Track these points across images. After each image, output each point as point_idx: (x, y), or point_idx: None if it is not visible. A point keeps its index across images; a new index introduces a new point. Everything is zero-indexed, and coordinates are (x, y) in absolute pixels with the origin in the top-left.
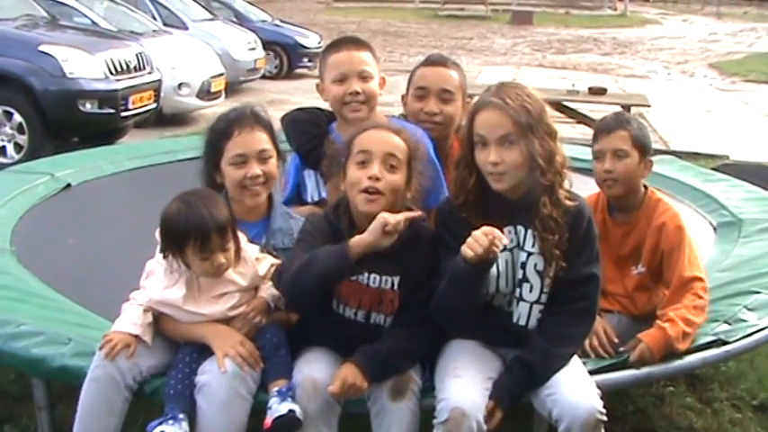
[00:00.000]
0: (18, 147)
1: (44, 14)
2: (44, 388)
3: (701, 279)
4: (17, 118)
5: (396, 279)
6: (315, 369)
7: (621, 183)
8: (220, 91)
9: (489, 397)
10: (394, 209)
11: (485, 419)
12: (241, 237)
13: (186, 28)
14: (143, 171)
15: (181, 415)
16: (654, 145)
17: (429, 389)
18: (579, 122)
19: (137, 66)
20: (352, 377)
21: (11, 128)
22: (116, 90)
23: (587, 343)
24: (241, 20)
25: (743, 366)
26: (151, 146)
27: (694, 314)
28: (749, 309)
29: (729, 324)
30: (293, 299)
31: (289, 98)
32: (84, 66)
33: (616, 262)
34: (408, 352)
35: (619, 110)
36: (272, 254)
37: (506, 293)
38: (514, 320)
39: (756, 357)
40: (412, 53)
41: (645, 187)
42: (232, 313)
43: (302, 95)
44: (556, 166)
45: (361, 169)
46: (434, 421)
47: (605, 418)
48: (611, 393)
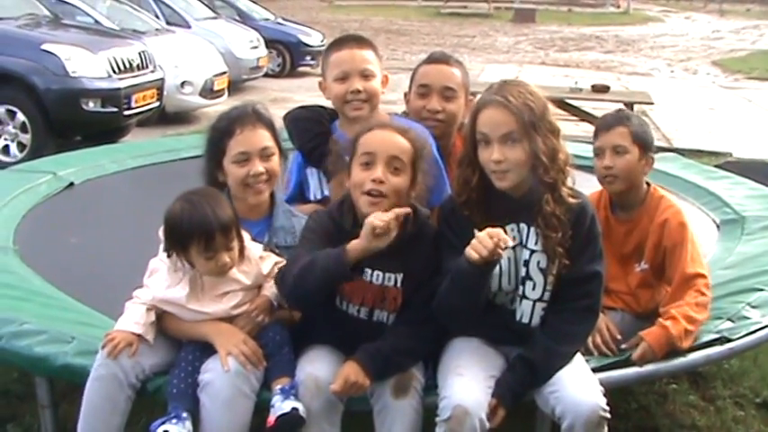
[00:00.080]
0: (21, 146)
1: (47, 13)
2: (47, 386)
3: (704, 276)
4: (20, 117)
5: (399, 276)
6: (317, 367)
7: (622, 179)
8: (223, 89)
9: (492, 395)
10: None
11: (487, 417)
12: (245, 235)
13: (189, 26)
14: (146, 169)
15: (184, 414)
16: (657, 142)
17: (432, 387)
18: (582, 120)
19: (139, 64)
20: (354, 375)
21: (14, 127)
22: (119, 89)
23: (590, 340)
24: (244, 18)
25: (746, 364)
26: (154, 144)
27: (697, 311)
28: (752, 306)
29: (733, 321)
30: (295, 300)
31: (291, 96)
32: (87, 64)
33: (619, 259)
34: (410, 350)
35: (620, 107)
36: (275, 252)
37: (509, 291)
38: (517, 318)
39: (760, 355)
40: (414, 51)
41: (647, 184)
42: (235, 312)
43: (305, 94)
44: (559, 164)
45: (364, 171)
46: (437, 419)
47: (608, 416)
48: (614, 391)
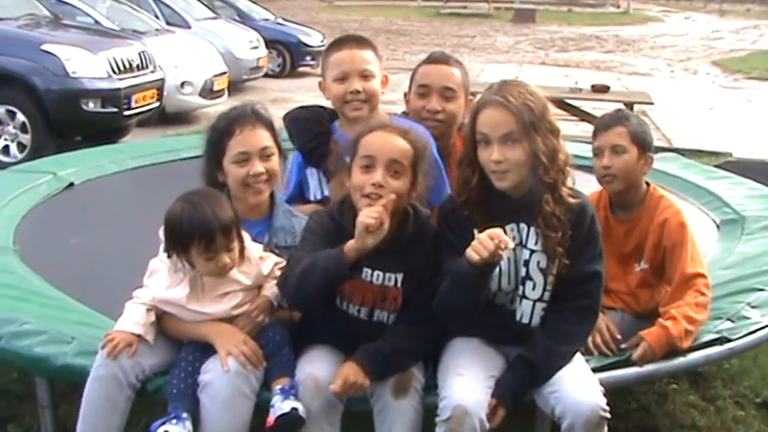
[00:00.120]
0: (21, 146)
1: (47, 13)
2: (47, 387)
3: (704, 276)
4: (20, 117)
5: (399, 276)
6: (317, 367)
7: (620, 178)
8: (223, 89)
9: (492, 395)
10: (398, 211)
11: (487, 417)
12: (245, 236)
13: (189, 27)
14: (146, 170)
15: (184, 414)
16: (657, 142)
17: (432, 387)
18: (582, 120)
19: (139, 65)
20: (353, 376)
21: (14, 127)
22: (119, 89)
23: (590, 340)
24: (244, 18)
25: (746, 364)
26: (154, 144)
27: (697, 311)
28: (752, 306)
29: (732, 321)
30: (298, 302)
31: (291, 96)
32: (86, 65)
33: (619, 259)
34: (410, 350)
35: (618, 107)
36: (275, 252)
37: (509, 291)
38: (517, 318)
39: (760, 355)
40: (414, 51)
41: (647, 184)
42: (235, 312)
43: (305, 94)
44: (558, 164)
45: (364, 173)
46: (437, 419)
47: (608, 416)
48: (614, 391)
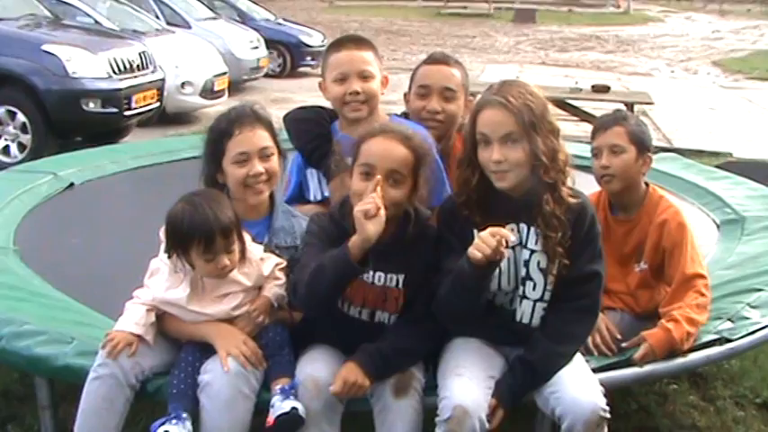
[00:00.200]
0: (21, 146)
1: (47, 14)
2: (47, 387)
3: (704, 276)
4: (20, 117)
5: (401, 277)
6: (317, 368)
7: (619, 178)
8: (223, 90)
9: (492, 395)
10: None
11: (487, 418)
12: (246, 237)
13: (189, 27)
14: (146, 170)
15: (184, 414)
16: (657, 143)
17: (432, 387)
18: (582, 120)
19: (140, 65)
20: (353, 376)
21: (14, 127)
22: (119, 89)
23: (590, 340)
24: (244, 19)
25: (746, 364)
26: (154, 145)
27: (697, 313)
28: (752, 306)
29: (733, 322)
30: (310, 307)
31: (292, 97)
32: (87, 65)
33: (618, 260)
34: (410, 350)
35: (617, 107)
36: (275, 253)
37: (509, 292)
38: (517, 319)
39: (760, 355)
40: (415, 51)
41: (646, 185)
42: (236, 313)
43: (305, 94)
44: (558, 164)
45: (364, 181)
46: (437, 419)
47: (608, 416)
48: (614, 391)
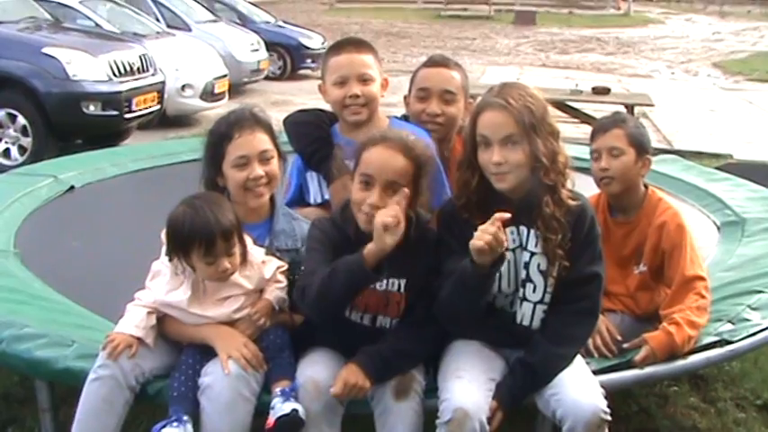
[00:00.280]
0: (22, 149)
1: (47, 17)
2: (48, 390)
3: (703, 278)
4: (21, 120)
5: (402, 282)
6: (317, 370)
7: (618, 180)
8: (224, 92)
9: (492, 397)
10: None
11: (487, 420)
12: (247, 240)
13: (189, 29)
14: (146, 173)
15: (185, 417)
16: (657, 144)
17: (432, 389)
18: (583, 122)
19: (140, 67)
20: (354, 377)
21: (15, 130)
22: (119, 92)
23: (590, 342)
24: (244, 21)
25: (747, 366)
26: (155, 147)
27: (698, 315)
28: (753, 308)
29: (733, 324)
30: (320, 312)
31: (292, 99)
32: (87, 68)
33: (618, 262)
34: (411, 352)
35: (617, 109)
36: (276, 255)
37: (509, 294)
38: (518, 321)
39: (760, 357)
40: (415, 54)
41: (645, 187)
42: (237, 316)
43: (305, 96)
44: (558, 166)
45: (363, 190)
46: (437, 421)
47: (609, 418)
48: (614, 393)
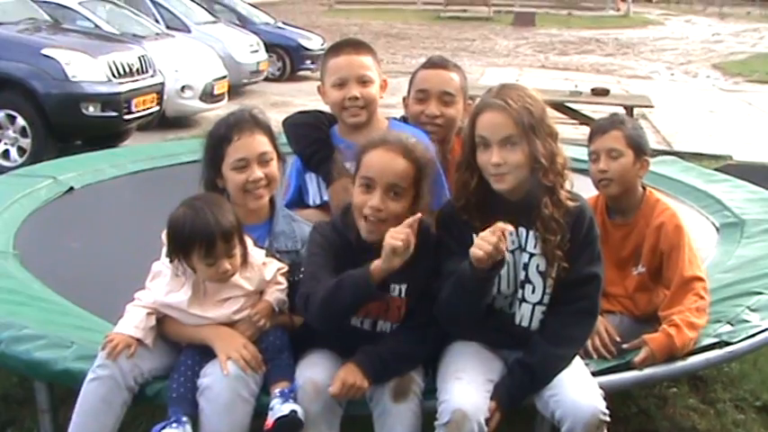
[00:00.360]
0: (21, 150)
1: (47, 18)
2: (47, 391)
3: (702, 279)
4: (20, 121)
5: (403, 287)
6: (316, 371)
7: (616, 182)
8: (223, 93)
9: (491, 398)
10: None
11: (486, 421)
12: (248, 241)
13: (189, 31)
14: (146, 174)
15: (184, 418)
16: (657, 146)
17: (431, 390)
18: (582, 123)
19: (139, 69)
20: (352, 377)
21: (14, 131)
22: (119, 93)
23: (589, 343)
24: (244, 22)
25: (746, 367)
26: (154, 149)
27: (697, 316)
28: (752, 310)
29: (732, 325)
30: (323, 321)
31: (291, 100)
32: (86, 69)
33: (616, 264)
34: (410, 355)
35: (616, 111)
36: (276, 257)
37: (508, 295)
38: (517, 322)
39: (759, 358)
40: (414, 55)
41: (643, 188)
42: (237, 317)
43: (305, 98)
44: (557, 167)
45: (364, 194)
46: (436, 423)
47: (608, 419)
48: (613, 394)
